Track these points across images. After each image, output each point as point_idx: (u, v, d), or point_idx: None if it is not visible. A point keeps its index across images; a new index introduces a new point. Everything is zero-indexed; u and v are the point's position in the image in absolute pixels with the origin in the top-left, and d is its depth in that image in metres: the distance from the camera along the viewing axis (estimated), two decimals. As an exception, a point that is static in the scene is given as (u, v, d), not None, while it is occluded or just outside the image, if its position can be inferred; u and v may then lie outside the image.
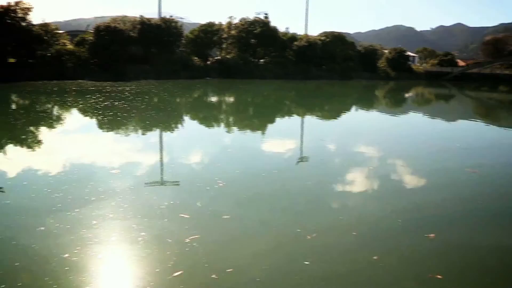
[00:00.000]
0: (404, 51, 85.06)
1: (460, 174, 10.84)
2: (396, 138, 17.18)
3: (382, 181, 9.93)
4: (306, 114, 25.68)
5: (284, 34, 66.08)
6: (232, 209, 7.33)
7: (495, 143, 17.04)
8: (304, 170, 10.87)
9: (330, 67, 63.05)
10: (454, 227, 7.12)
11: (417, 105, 37.96)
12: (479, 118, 29.60)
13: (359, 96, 44.49)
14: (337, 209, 7.85)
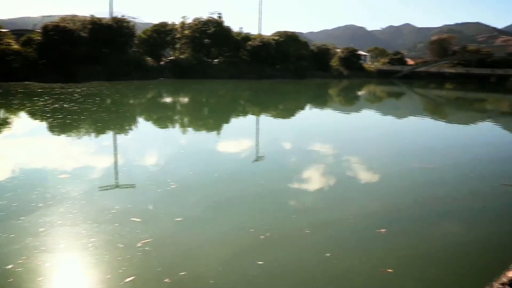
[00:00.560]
0: (356, 50, 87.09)
1: (411, 169, 11.21)
2: (350, 135, 17.48)
3: (335, 178, 10.09)
4: (261, 113, 25.79)
5: (238, 34, 66.04)
6: (184, 211, 7.23)
7: (444, 138, 17.71)
8: (259, 170, 10.85)
9: (284, 67, 63.52)
10: (404, 222, 7.30)
11: (369, 103, 38.88)
12: (428, 115, 30.64)
13: (313, 94, 45.06)
14: (290, 208, 7.86)
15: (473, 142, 17.26)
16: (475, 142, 17.31)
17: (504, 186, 9.57)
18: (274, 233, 6.36)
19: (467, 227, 7.25)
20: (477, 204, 8.51)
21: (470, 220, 7.61)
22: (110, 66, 44.92)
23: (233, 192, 8.62)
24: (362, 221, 7.12)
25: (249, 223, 6.80)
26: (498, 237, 6.86)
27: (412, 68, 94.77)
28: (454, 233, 6.97)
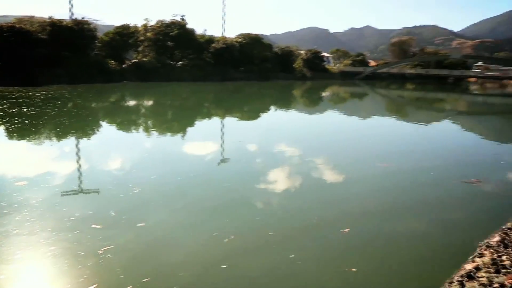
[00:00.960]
0: (319, 52, 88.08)
1: (374, 169, 11.37)
2: (314, 136, 17.61)
3: (299, 179, 10.13)
4: (226, 115, 25.73)
5: (201, 36, 65.76)
6: (147, 216, 7.11)
7: (406, 137, 18.12)
8: (223, 172, 10.79)
9: (248, 69, 63.63)
10: (367, 220, 7.40)
11: (333, 104, 39.37)
12: (390, 115, 31.27)
13: (277, 96, 45.26)
14: (255, 210, 7.85)
15: (434, 140, 17.71)
16: (435, 140, 17.77)
17: (464, 182, 9.84)
18: (238, 236, 6.34)
19: (428, 224, 7.41)
20: (438, 201, 8.71)
21: (431, 217, 7.78)
22: (71, 69, 43.80)
23: (196, 195, 8.54)
24: (325, 221, 7.18)
25: (213, 226, 6.73)
26: (458, 232, 7.04)
27: (374, 69, 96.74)
28: (415, 230, 7.12)
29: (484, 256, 4.77)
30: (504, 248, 4.94)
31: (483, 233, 5.77)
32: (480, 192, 9.41)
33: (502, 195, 9.37)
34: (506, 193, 9.48)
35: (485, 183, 10.00)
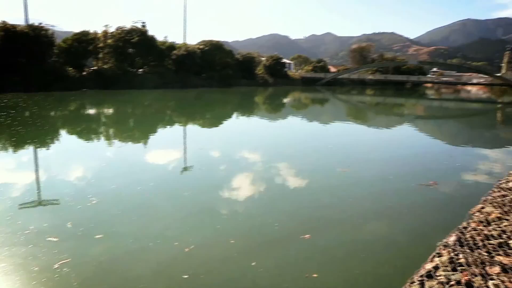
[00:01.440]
0: (280, 58, 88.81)
1: (334, 174, 11.50)
2: (276, 142, 17.65)
3: (260, 186, 10.11)
4: (188, 122, 25.52)
5: (162, 43, 65.16)
6: (105, 227, 6.92)
7: (366, 142, 18.40)
8: (184, 181, 10.66)
9: (210, 75, 63.55)
10: (328, 226, 7.43)
11: (295, 110, 39.70)
12: (351, 120, 31.81)
13: (239, 102, 45.31)
14: (215, 218, 7.73)
15: (393, 144, 18.12)
16: (394, 144, 18.18)
17: (421, 186, 10.06)
18: (199, 245, 6.25)
19: (389, 227, 7.53)
20: (398, 204, 8.87)
21: (391, 220, 7.90)
22: (27, 76, 42.43)
23: (156, 204, 8.38)
24: (286, 228, 7.17)
25: (173, 236, 6.62)
26: (418, 234, 7.18)
27: (335, 75, 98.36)
28: (376, 233, 7.21)
29: (442, 256, 4.87)
30: (461, 247, 5.06)
31: (441, 233, 5.89)
32: (437, 194, 9.65)
33: (458, 196, 9.64)
34: (461, 194, 9.75)
35: (441, 185, 10.27)
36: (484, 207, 6.75)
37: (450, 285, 4.22)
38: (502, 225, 5.89)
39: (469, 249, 5.04)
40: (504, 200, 7.14)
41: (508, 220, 6.11)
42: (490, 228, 5.75)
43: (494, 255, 4.85)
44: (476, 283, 4.19)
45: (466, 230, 5.70)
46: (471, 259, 4.71)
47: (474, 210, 6.71)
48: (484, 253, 4.91)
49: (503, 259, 4.75)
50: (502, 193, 7.65)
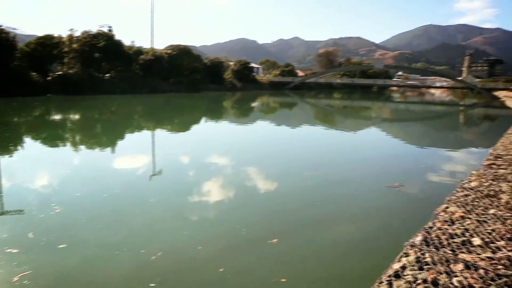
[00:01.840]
0: (248, 63, 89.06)
1: (302, 177, 11.52)
2: (244, 146, 17.66)
3: (228, 191, 10.06)
4: (156, 128, 25.23)
5: (129, 48, 64.42)
6: (69, 236, 6.72)
7: (334, 145, 18.60)
8: (151, 187, 10.47)
9: (178, 80, 63.20)
10: (296, 230, 7.41)
11: (263, 114, 39.79)
12: (319, 123, 32.11)
13: (208, 107, 45.15)
14: (183, 224, 7.62)
15: (360, 147, 18.34)
16: (361, 147, 18.41)
17: (387, 187, 10.21)
18: (166, 253, 6.14)
19: (357, 230, 7.57)
20: (364, 206, 8.96)
21: (359, 222, 7.95)
22: (-14, 81, 41.14)
23: (123, 211, 8.22)
24: (254, 232, 7.12)
25: (139, 244, 6.49)
26: (386, 235, 7.26)
27: (303, 79, 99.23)
28: (344, 236, 7.26)
29: (409, 255, 4.93)
30: (427, 246, 5.14)
31: (408, 233, 5.96)
32: (404, 196, 9.82)
33: (423, 196, 9.84)
34: (426, 195, 9.95)
35: (408, 187, 10.45)
36: (448, 207, 6.88)
37: (417, 284, 4.27)
38: (465, 223, 6.02)
39: (435, 248, 5.12)
40: (466, 200, 7.30)
41: (470, 218, 6.25)
42: (454, 227, 5.86)
43: (458, 253, 4.95)
44: (441, 281, 4.25)
45: (431, 229, 5.79)
46: (436, 258, 4.78)
47: (439, 210, 6.84)
48: (448, 251, 5.00)
49: (466, 256, 4.86)
50: (465, 192, 7.83)
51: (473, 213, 6.55)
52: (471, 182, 8.74)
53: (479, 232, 5.68)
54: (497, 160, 11.19)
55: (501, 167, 10.25)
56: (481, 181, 8.78)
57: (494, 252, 5.00)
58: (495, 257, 4.85)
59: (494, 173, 9.53)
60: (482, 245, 5.20)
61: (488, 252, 5.00)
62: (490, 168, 10.18)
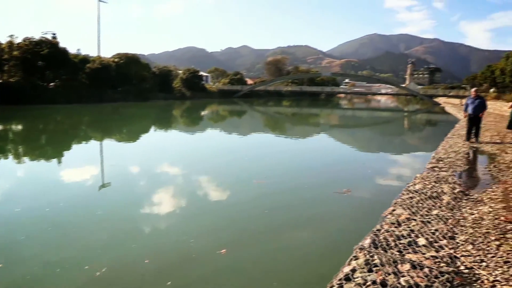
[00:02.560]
0: (197, 71, 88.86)
1: (251, 186, 11.44)
2: (193, 156, 17.45)
3: (177, 201, 9.94)
4: (104, 138, 24.67)
5: (75, 56, 62.64)
6: (7, 255, 6.43)
7: (282, 152, 18.74)
8: (96, 199, 10.19)
9: (126, 89, 62.09)
10: (244, 239, 7.41)
11: (213, 122, 39.74)
12: (268, 131, 32.39)
13: (157, 116, 44.57)
14: (130, 237, 7.42)
15: (309, 154, 18.58)
16: (309, 154, 18.66)
17: (335, 193, 10.46)
18: (111, 268, 5.99)
19: (306, 236, 7.63)
20: (313, 212, 9.02)
21: (309, 229, 7.99)
22: None
23: (66, 226, 7.91)
24: (202, 243, 7.05)
25: (84, 259, 6.28)
26: (335, 239, 7.42)
27: (252, 87, 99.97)
28: (294, 243, 7.30)
29: (359, 258, 5.10)
30: (375, 249, 5.34)
31: (357, 236, 6.14)
32: (352, 200, 10.02)
33: (371, 200, 10.13)
34: (374, 198, 10.26)
35: (356, 192, 10.72)
36: (395, 209, 7.17)
37: (366, 285, 4.43)
38: (411, 225, 6.30)
39: (383, 249, 5.33)
40: (412, 202, 7.63)
41: (415, 220, 6.55)
42: (400, 229, 6.12)
43: (405, 254, 5.19)
44: (389, 281, 4.44)
45: (379, 232, 6.02)
46: (384, 259, 4.99)
47: (386, 212, 7.11)
48: (396, 253, 5.23)
49: (412, 256, 5.10)
50: (410, 195, 8.17)
51: (418, 214, 6.86)
52: (416, 184, 9.14)
53: (423, 232, 5.97)
54: (439, 163, 11.74)
55: (443, 170, 10.77)
56: (425, 183, 9.20)
57: (438, 251, 5.28)
58: (438, 256, 5.12)
59: (437, 176, 10.00)
60: (426, 245, 5.47)
61: (432, 251, 5.28)
62: (433, 171, 10.67)
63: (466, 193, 8.42)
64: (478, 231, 6.07)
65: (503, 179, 9.64)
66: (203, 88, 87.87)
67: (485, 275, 4.67)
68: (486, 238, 5.75)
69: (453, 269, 4.76)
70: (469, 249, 5.41)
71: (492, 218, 6.62)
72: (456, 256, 5.17)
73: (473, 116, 16.07)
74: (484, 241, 5.63)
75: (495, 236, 5.79)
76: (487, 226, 6.23)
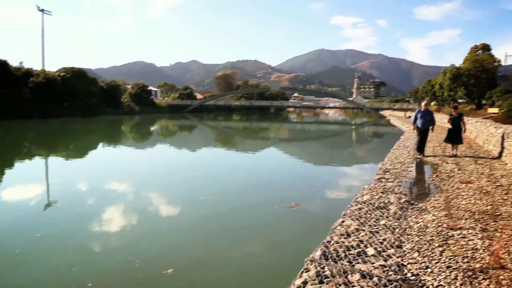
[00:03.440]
0: (146, 86, 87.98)
1: (197, 203, 11.25)
2: (141, 173, 17.03)
3: (123, 220, 9.67)
4: (50, 155, 23.80)
5: (17, 69, 60.30)
6: None
7: (231, 167, 18.69)
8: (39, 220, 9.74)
9: (72, 104, 60.34)
10: (191, 258, 7.28)
11: (163, 137, 39.20)
12: (218, 145, 32.30)
13: (105, 132, 43.57)
14: (71, 259, 7.10)
15: (257, 169, 18.55)
16: (259, 169, 18.63)
17: (284, 208, 10.50)
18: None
19: (257, 251, 7.62)
20: (263, 228, 9.00)
21: (258, 244, 7.98)
22: None
23: (6, 250, 7.55)
24: (149, 263, 6.90)
25: (20, 284, 6.03)
26: (286, 253, 7.45)
27: (201, 102, 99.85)
28: (245, 259, 7.27)
29: (310, 270, 5.16)
30: (326, 260, 5.43)
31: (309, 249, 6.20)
32: (302, 214, 10.06)
33: (321, 212, 10.29)
34: (324, 210, 10.43)
35: (304, 205, 10.81)
36: (344, 221, 7.32)
37: (318, 296, 4.51)
38: (359, 235, 6.46)
39: (333, 261, 5.43)
40: (360, 213, 7.83)
41: (364, 230, 6.71)
42: (350, 240, 6.26)
43: (355, 264, 5.31)
44: (340, 292, 4.54)
45: (329, 243, 6.13)
46: (335, 270, 5.08)
47: (336, 224, 7.24)
48: (346, 263, 5.34)
49: (361, 266, 5.22)
50: (359, 206, 8.38)
51: (366, 225, 7.04)
52: (364, 195, 9.37)
53: (372, 242, 6.13)
54: (385, 174, 12.11)
55: (389, 181, 11.11)
56: (372, 194, 9.45)
57: (386, 260, 5.44)
58: (386, 264, 5.27)
59: (383, 186, 10.30)
60: (375, 254, 5.62)
61: (380, 260, 5.42)
62: (380, 182, 10.99)
63: (412, 203, 8.73)
64: (423, 238, 6.30)
65: (444, 188, 10.07)
66: (153, 103, 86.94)
67: (430, 280, 4.86)
68: (431, 245, 5.98)
69: (400, 277, 4.92)
70: (415, 256, 5.60)
71: (436, 225, 6.90)
72: (403, 264, 5.34)
73: (423, 129, 16.27)
74: (429, 248, 5.85)
75: (439, 243, 6.03)
76: (431, 234, 6.48)
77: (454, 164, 13.78)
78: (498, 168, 12.84)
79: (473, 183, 10.57)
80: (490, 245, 5.78)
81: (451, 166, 13.40)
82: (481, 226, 6.75)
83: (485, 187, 10.01)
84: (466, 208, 8.00)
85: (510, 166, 13.01)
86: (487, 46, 57.41)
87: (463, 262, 5.27)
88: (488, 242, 5.93)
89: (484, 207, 8.00)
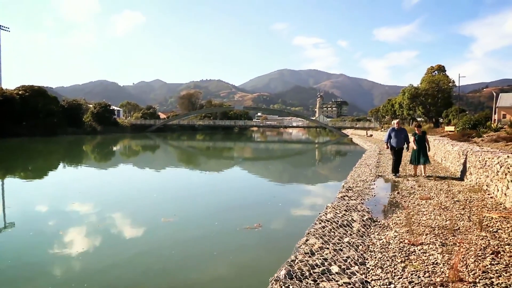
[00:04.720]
0: (109, 105, 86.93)
1: (157, 224, 11.02)
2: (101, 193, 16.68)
3: (81, 244, 9.20)
4: (6, 176, 22.99)
5: (-28, 88, 58.62)
6: None
7: (193, 188, 18.44)
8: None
9: (32, 123, 58.94)
10: (148, 282, 7.06)
11: (125, 158, 38.60)
12: (181, 165, 32.00)
13: (66, 152, 42.56)
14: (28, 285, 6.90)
15: (220, 189, 18.27)
16: (221, 189, 18.38)
17: (246, 229, 10.38)
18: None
19: (219, 274, 7.45)
20: (225, 249, 8.77)
21: (220, 266, 7.80)
22: None
23: None
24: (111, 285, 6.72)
25: None
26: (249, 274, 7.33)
27: (165, 121, 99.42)
28: (204, 282, 7.06)
29: (275, 290, 5.16)
30: (290, 279, 5.43)
31: (273, 269, 6.17)
32: (265, 234, 9.84)
33: (285, 231, 10.22)
34: (288, 229, 10.40)
35: (267, 225, 10.70)
36: (308, 239, 7.36)
37: (283, 315, 4.48)
38: (324, 253, 6.50)
39: (298, 280, 5.43)
40: (324, 231, 7.88)
41: (328, 248, 6.76)
42: (314, 258, 6.29)
43: (319, 282, 5.32)
44: (305, 310, 4.53)
45: (294, 262, 6.13)
46: (300, 289, 5.08)
47: (300, 243, 7.27)
48: (311, 282, 5.35)
49: (326, 284, 5.24)
50: (323, 224, 8.44)
51: (330, 242, 7.09)
52: (327, 214, 9.46)
53: (336, 260, 6.17)
54: (348, 192, 12.27)
55: (352, 198, 11.27)
56: (336, 212, 9.55)
57: (350, 277, 5.48)
58: (351, 282, 5.31)
59: (347, 204, 10.43)
60: (339, 272, 5.66)
61: (345, 278, 5.46)
62: (343, 200, 11.12)
63: (374, 220, 8.87)
64: (386, 255, 6.39)
65: (405, 204, 10.29)
66: (115, 122, 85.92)
67: (393, 297, 4.91)
68: (393, 261, 6.07)
69: (364, 294, 4.95)
70: (378, 273, 5.67)
71: (398, 242, 7.01)
72: (367, 280, 5.39)
73: (397, 149, 15.99)
74: (392, 264, 5.94)
75: (401, 259, 6.13)
76: (394, 250, 6.58)
77: (414, 181, 14.11)
78: (455, 184, 13.23)
79: (432, 199, 10.85)
80: (449, 259, 5.92)
81: (411, 183, 13.72)
82: (441, 241, 6.90)
83: (443, 202, 10.28)
84: (426, 223, 8.18)
85: (466, 182, 13.43)
86: (442, 67, 59.75)
87: (424, 277, 5.37)
88: (448, 256, 6.07)
89: (444, 222, 8.20)
